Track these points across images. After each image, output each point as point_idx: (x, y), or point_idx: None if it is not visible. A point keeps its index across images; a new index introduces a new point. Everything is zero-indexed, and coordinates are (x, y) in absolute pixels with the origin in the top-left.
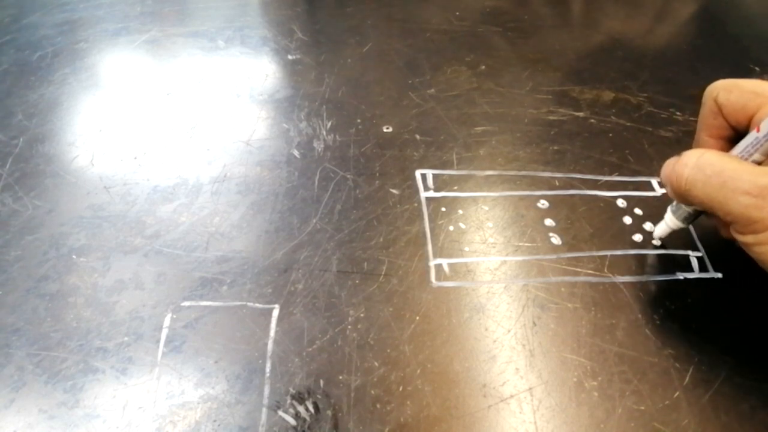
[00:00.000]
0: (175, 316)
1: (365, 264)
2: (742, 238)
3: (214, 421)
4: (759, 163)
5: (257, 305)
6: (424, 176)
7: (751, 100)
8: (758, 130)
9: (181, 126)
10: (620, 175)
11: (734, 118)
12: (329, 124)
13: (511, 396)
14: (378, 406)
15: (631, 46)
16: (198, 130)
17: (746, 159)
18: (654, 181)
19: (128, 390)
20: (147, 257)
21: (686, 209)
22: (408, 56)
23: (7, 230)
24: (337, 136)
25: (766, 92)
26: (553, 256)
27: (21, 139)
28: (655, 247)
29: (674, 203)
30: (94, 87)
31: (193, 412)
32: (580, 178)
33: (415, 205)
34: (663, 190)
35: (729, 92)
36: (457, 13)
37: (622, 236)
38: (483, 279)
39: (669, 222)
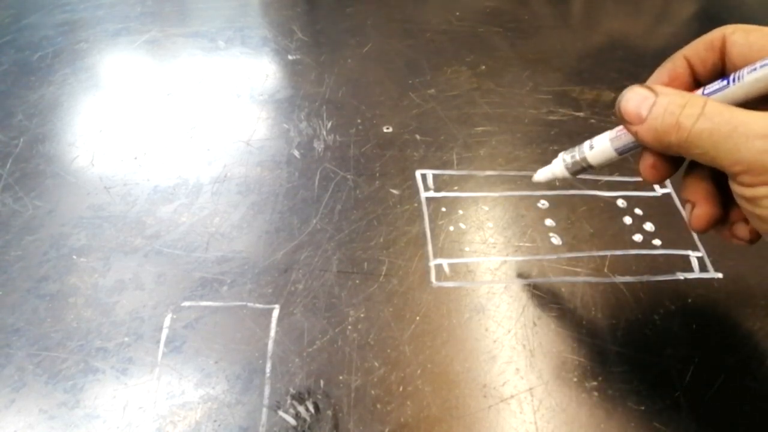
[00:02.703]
0: (175, 317)
1: (365, 264)
2: (751, 192)
3: (215, 421)
4: None
5: (257, 305)
6: (424, 176)
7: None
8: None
9: (182, 126)
10: (620, 175)
11: (743, 60)
12: (329, 125)
13: (512, 396)
14: (378, 406)
15: (631, 46)
16: (198, 131)
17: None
18: None
19: (128, 390)
20: (147, 257)
21: (581, 163)
22: (408, 56)
23: (8, 230)
24: (338, 137)
25: None
26: (554, 256)
27: (21, 140)
28: (655, 247)
29: (570, 155)
30: (94, 87)
31: (194, 413)
32: (580, 178)
33: (416, 205)
34: (663, 190)
35: (748, 32)
36: (457, 14)
37: (622, 236)
38: (483, 279)
39: (557, 172)
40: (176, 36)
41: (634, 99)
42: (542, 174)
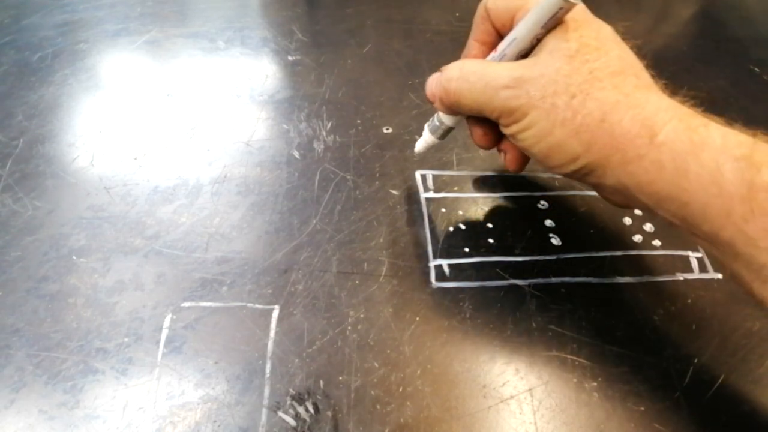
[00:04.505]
0: (175, 317)
1: (365, 265)
2: (508, 131)
3: (214, 421)
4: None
5: (257, 306)
6: (424, 177)
7: (512, 2)
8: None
9: (182, 127)
10: None
11: (500, 21)
12: (329, 125)
13: (511, 397)
14: (378, 406)
15: (631, 46)
16: (198, 131)
17: (503, 59)
18: None
19: (128, 391)
20: (147, 258)
21: (440, 126)
22: (408, 57)
23: (8, 231)
24: (337, 137)
25: None
26: (554, 257)
27: (21, 140)
28: (655, 248)
29: (431, 121)
30: (94, 88)
31: (193, 413)
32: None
33: (415, 205)
34: None
35: None
36: (457, 14)
37: (622, 237)
38: (483, 279)
39: (427, 138)
40: (176, 36)
41: (430, 83)
42: (418, 145)
